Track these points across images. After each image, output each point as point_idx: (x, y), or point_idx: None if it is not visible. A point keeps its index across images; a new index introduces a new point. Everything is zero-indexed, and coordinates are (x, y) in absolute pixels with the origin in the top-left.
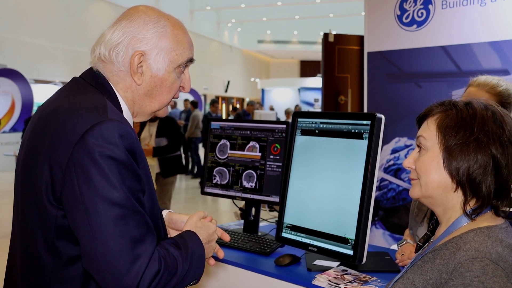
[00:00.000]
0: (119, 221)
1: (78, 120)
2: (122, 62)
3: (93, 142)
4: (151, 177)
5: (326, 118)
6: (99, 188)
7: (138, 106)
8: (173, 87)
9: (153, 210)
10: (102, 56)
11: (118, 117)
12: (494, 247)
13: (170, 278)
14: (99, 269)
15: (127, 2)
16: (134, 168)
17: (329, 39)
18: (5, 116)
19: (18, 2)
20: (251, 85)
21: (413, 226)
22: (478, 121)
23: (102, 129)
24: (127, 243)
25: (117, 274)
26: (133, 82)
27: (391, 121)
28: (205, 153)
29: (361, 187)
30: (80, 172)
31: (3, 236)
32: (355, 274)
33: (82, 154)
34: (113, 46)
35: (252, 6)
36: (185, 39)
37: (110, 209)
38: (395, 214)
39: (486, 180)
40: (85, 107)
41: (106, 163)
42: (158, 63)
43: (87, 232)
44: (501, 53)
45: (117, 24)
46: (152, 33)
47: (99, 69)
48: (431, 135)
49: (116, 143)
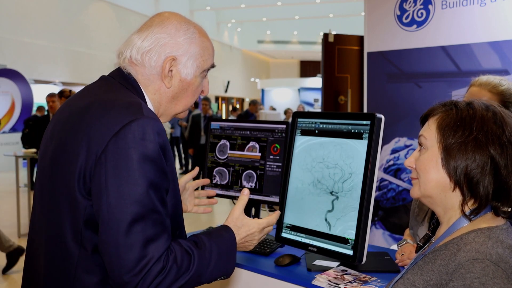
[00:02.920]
0: (137, 219)
1: (115, 115)
2: (154, 66)
3: (128, 138)
4: (176, 175)
5: (326, 118)
6: (124, 183)
7: (164, 108)
8: (197, 91)
9: (176, 207)
10: (134, 59)
11: (152, 115)
12: (494, 248)
13: (179, 276)
14: (109, 259)
15: (127, 2)
16: (163, 165)
17: (329, 39)
18: (5, 116)
19: (18, 2)
20: (251, 85)
21: (413, 226)
22: (477, 121)
23: (139, 125)
24: (139, 241)
25: (122, 268)
26: (162, 85)
27: (391, 121)
28: (205, 153)
29: (361, 187)
30: (111, 164)
31: None
32: (355, 274)
33: (116, 147)
34: (146, 50)
35: (252, 6)
36: (209, 46)
37: (131, 205)
38: (395, 214)
39: (484, 180)
40: (121, 103)
41: (137, 160)
42: (187, 68)
43: (105, 222)
44: (501, 53)
45: (148, 30)
46: (183, 40)
47: (129, 71)
48: (431, 135)
49: (151, 139)
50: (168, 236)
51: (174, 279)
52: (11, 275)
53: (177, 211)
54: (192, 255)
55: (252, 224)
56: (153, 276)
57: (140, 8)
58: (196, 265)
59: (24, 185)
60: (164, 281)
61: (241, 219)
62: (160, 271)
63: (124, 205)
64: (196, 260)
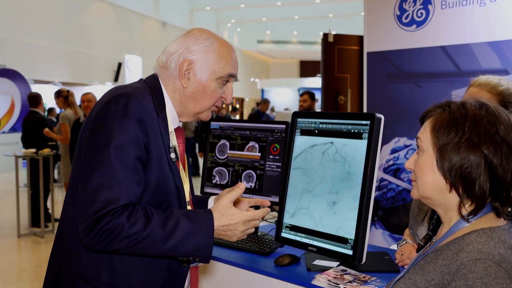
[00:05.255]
0: (93, 170)
1: (107, 95)
2: (174, 68)
3: (110, 109)
4: (164, 154)
5: (326, 118)
6: (94, 144)
7: (183, 106)
8: (214, 95)
9: (159, 182)
10: (161, 63)
11: (141, 96)
12: (496, 248)
13: (130, 233)
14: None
15: (127, 2)
16: (135, 135)
17: (328, 39)
18: (5, 116)
19: (18, 2)
20: (251, 85)
21: (413, 226)
22: (470, 120)
23: (120, 100)
24: (93, 185)
25: (80, 213)
26: (181, 85)
27: (390, 121)
28: (205, 154)
29: (360, 187)
30: (91, 129)
31: (3, 236)
32: (355, 274)
33: (97, 117)
34: (170, 54)
35: (252, 6)
36: (229, 57)
37: (92, 160)
38: (395, 214)
39: (479, 179)
40: (120, 87)
41: (111, 127)
42: (202, 71)
43: (79, 174)
44: (501, 53)
45: (177, 39)
46: (201, 47)
47: (157, 73)
48: (426, 137)
49: (127, 113)
50: (124, 193)
51: (123, 233)
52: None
53: (161, 186)
54: (151, 218)
55: (236, 214)
56: (103, 222)
57: (140, 8)
58: (152, 229)
59: (24, 185)
60: (114, 230)
61: (226, 207)
62: (110, 220)
63: (89, 161)
64: (152, 224)
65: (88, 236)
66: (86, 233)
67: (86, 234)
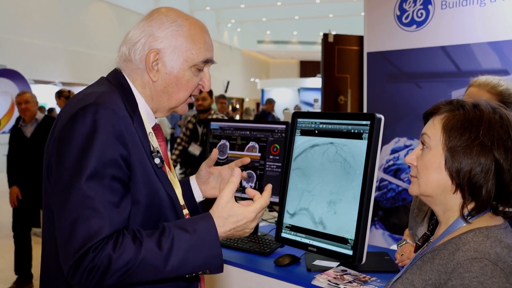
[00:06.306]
0: (73, 197)
1: (69, 107)
2: (139, 60)
3: (76, 128)
4: (150, 165)
5: (326, 118)
6: (64, 171)
7: (156, 102)
8: (189, 85)
9: (150, 198)
10: (123, 55)
11: (109, 103)
12: (493, 247)
13: (118, 264)
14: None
15: (127, 2)
16: (112, 153)
17: (328, 39)
18: (5, 116)
19: (18, 2)
20: (251, 85)
21: (413, 226)
22: (484, 124)
23: (87, 114)
24: (69, 222)
25: (62, 252)
26: (149, 79)
27: (390, 121)
28: (205, 153)
29: (360, 187)
30: (57, 151)
31: (3, 236)
32: (355, 274)
33: (63, 136)
34: (132, 44)
35: (252, 6)
36: (202, 39)
37: (71, 182)
38: (395, 214)
39: (487, 184)
40: (82, 95)
41: (79, 150)
42: (172, 61)
43: (54, 204)
44: (501, 53)
45: (138, 24)
46: (167, 32)
47: (120, 67)
48: (435, 134)
49: (98, 129)
50: (104, 223)
51: (113, 267)
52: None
53: (153, 200)
54: (142, 241)
55: (243, 213)
56: (86, 260)
57: (140, 8)
58: (145, 252)
59: None
60: (101, 265)
61: (229, 207)
62: (94, 257)
63: (61, 192)
64: (144, 247)
65: (74, 277)
66: (71, 275)
67: (71, 276)
